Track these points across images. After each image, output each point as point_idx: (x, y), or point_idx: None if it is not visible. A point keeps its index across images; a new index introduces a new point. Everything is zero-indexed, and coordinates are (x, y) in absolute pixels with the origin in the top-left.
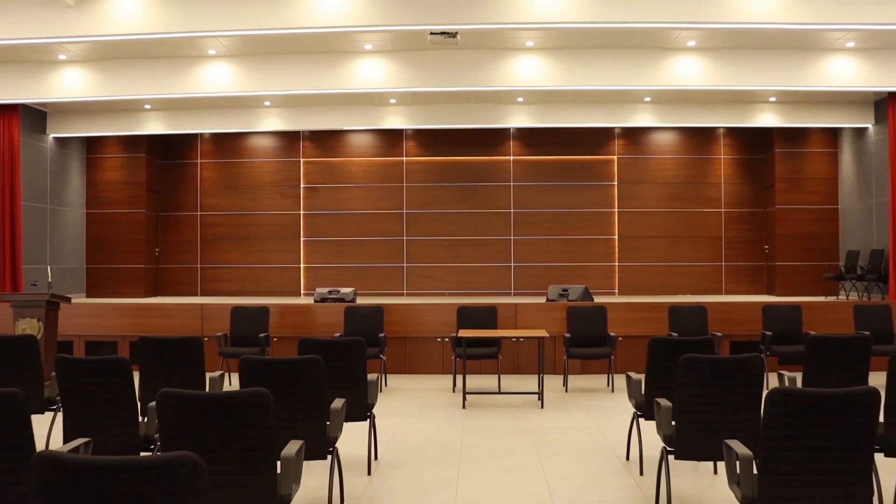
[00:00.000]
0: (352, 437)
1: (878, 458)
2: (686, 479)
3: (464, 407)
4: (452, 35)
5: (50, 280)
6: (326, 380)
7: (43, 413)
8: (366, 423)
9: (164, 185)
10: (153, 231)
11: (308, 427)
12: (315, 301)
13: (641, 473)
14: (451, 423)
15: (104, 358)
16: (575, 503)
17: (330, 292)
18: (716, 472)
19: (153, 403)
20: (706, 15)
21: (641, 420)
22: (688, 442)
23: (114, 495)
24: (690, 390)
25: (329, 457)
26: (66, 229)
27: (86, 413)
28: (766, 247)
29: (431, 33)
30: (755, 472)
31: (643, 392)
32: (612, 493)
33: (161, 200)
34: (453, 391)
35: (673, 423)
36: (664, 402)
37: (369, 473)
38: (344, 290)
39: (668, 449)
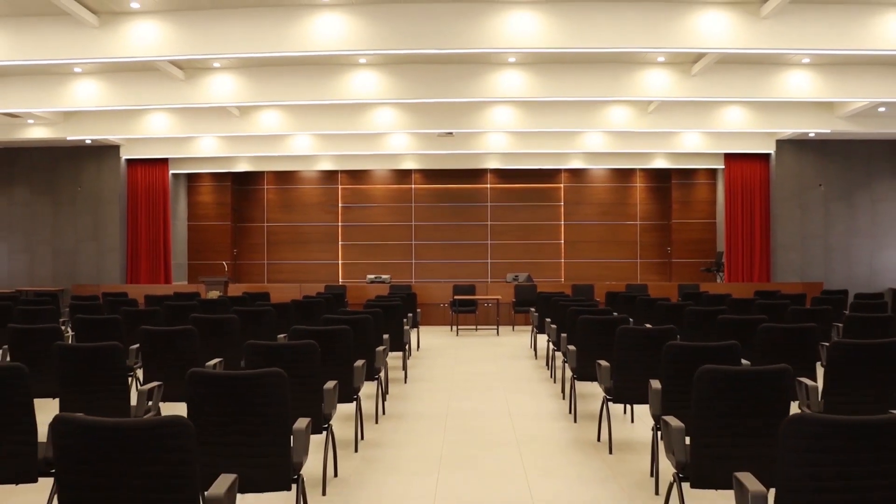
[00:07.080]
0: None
1: None
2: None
3: (457, 335)
4: (450, 133)
5: (227, 269)
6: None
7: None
8: (415, 331)
9: (241, 204)
10: (233, 237)
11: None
12: (367, 283)
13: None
14: (451, 341)
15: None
16: (506, 356)
17: (376, 277)
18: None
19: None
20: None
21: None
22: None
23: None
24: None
25: (403, 351)
26: (177, 236)
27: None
28: (668, 248)
29: (438, 134)
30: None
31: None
32: (522, 356)
33: (239, 215)
34: (450, 330)
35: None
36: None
37: (417, 350)
38: (384, 276)
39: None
